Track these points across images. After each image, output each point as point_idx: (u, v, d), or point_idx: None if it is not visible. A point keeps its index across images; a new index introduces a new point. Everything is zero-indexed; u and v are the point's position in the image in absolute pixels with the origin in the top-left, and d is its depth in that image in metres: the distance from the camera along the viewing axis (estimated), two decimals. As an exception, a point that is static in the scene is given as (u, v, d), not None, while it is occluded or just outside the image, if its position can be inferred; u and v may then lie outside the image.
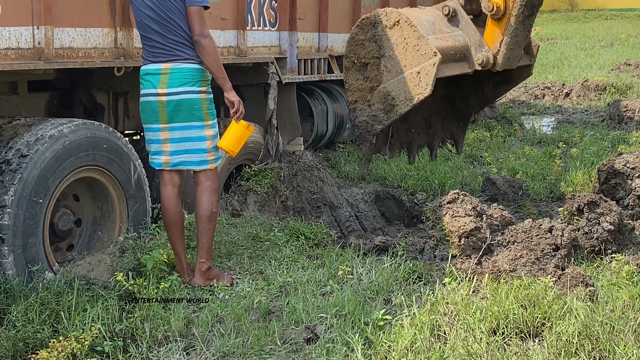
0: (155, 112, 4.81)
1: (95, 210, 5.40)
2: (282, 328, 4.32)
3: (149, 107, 4.84)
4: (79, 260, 5.04)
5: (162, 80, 4.76)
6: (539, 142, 10.73)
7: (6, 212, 4.55)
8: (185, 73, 4.76)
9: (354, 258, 5.46)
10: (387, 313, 4.41)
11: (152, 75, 4.80)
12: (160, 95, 4.77)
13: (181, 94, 4.76)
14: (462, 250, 5.41)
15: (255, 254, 5.54)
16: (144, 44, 4.84)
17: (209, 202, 4.88)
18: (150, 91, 4.81)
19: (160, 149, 4.89)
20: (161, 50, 4.76)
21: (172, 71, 4.75)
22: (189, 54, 4.78)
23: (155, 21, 4.74)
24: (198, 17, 4.76)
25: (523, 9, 6.03)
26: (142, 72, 4.86)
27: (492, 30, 6.18)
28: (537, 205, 6.99)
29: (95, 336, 4.03)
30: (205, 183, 4.92)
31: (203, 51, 4.76)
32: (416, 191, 7.80)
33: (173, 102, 4.76)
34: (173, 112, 4.78)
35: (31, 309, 4.28)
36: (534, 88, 16.87)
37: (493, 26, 6.16)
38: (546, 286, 4.57)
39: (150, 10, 4.74)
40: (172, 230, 4.92)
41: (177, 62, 4.75)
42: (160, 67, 4.77)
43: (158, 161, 4.93)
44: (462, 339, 4.02)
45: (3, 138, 4.84)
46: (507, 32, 6.10)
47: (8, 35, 4.68)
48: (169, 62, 4.76)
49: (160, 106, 4.79)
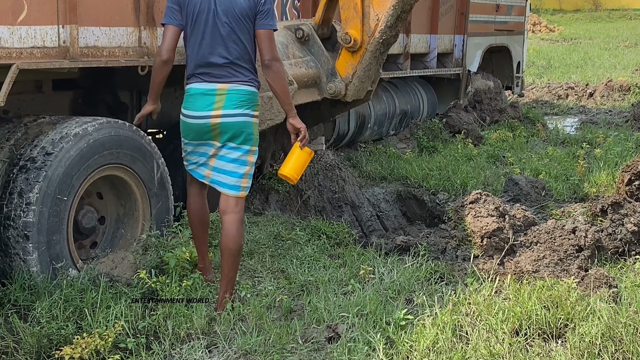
0: (207, 133, 4.55)
1: (118, 208, 5.43)
2: (303, 327, 4.33)
3: (197, 129, 4.56)
4: (103, 258, 5.07)
5: (217, 102, 4.50)
6: (562, 143, 10.66)
7: (31, 209, 4.59)
8: (243, 95, 4.53)
9: (375, 257, 5.47)
10: (409, 313, 4.41)
11: (205, 96, 4.52)
12: (214, 117, 4.51)
13: (237, 116, 4.52)
14: (485, 250, 5.40)
15: (277, 252, 5.56)
16: (197, 63, 4.54)
17: (239, 235, 4.61)
18: (201, 113, 4.53)
19: (207, 161, 4.67)
20: (220, 71, 4.51)
21: (229, 92, 4.51)
22: (248, 77, 4.56)
23: (222, 41, 4.49)
24: (269, 40, 4.54)
25: (379, 46, 6.01)
26: (192, 90, 4.57)
27: (345, 60, 6.14)
28: (560, 206, 6.95)
29: (119, 333, 4.05)
30: (235, 212, 4.61)
31: (273, 76, 4.53)
32: (438, 191, 7.78)
33: (227, 124, 4.51)
34: (226, 134, 4.54)
35: (55, 305, 4.32)
36: (557, 88, 16.79)
37: (347, 57, 6.11)
38: (569, 287, 4.55)
39: (217, 30, 4.48)
40: (197, 229, 4.86)
41: (235, 84, 4.51)
42: (216, 88, 4.51)
43: (201, 173, 4.71)
44: (485, 340, 4.01)
45: (28, 136, 4.89)
46: (360, 65, 6.07)
47: (34, 34, 4.72)
48: (226, 83, 4.51)
49: (213, 128, 4.53)
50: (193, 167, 4.74)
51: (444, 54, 10.59)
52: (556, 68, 21.43)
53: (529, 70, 20.16)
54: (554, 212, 6.64)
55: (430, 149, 9.58)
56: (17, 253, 4.61)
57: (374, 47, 5.97)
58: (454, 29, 10.60)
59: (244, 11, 4.47)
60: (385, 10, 5.84)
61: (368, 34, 5.94)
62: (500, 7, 11.76)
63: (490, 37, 11.65)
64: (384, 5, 5.84)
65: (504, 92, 12.57)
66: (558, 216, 6.51)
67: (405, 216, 7.84)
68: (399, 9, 5.85)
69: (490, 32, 11.61)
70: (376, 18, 5.88)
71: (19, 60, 4.62)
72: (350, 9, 5.95)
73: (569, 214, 6.58)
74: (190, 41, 4.56)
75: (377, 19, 5.88)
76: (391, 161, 8.70)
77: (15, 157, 4.77)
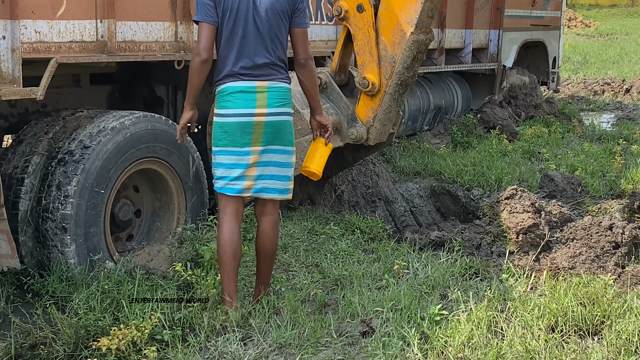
0: (249, 133, 4.33)
1: (154, 202, 5.48)
2: (337, 321, 4.33)
3: (239, 128, 4.33)
4: (139, 251, 5.13)
5: (259, 99, 4.34)
6: (598, 139, 10.56)
7: (69, 202, 4.64)
8: (283, 93, 4.42)
9: (409, 253, 5.46)
10: (444, 308, 4.40)
11: (245, 94, 4.33)
12: (258, 115, 4.33)
13: (281, 115, 4.40)
14: (520, 246, 5.37)
15: (311, 247, 5.57)
16: (237, 63, 4.36)
17: (277, 236, 4.55)
18: (245, 111, 4.33)
19: (245, 173, 4.38)
20: (259, 70, 4.36)
21: (269, 89, 4.36)
22: (284, 75, 4.46)
23: (262, 40, 4.36)
24: (305, 39, 4.50)
25: (398, 88, 5.98)
26: (229, 89, 4.35)
27: (365, 105, 6.09)
28: (597, 203, 6.88)
29: (155, 325, 4.09)
30: (275, 214, 4.52)
31: (307, 74, 4.50)
32: (472, 187, 7.74)
33: (273, 123, 4.36)
34: (270, 134, 4.37)
35: (92, 297, 4.37)
36: (593, 84, 16.63)
37: (366, 101, 6.07)
38: (606, 284, 4.51)
39: (256, 27, 4.35)
40: (230, 264, 4.39)
41: (274, 81, 4.39)
42: (256, 85, 4.34)
43: (239, 187, 4.38)
44: (520, 336, 3.99)
45: (67, 129, 4.95)
46: (381, 108, 6.02)
47: (72, 28, 4.77)
48: (265, 80, 4.37)
49: (256, 127, 4.34)
50: (227, 183, 4.39)
51: (479, 49, 10.54)
52: (592, 64, 21.21)
53: (565, 65, 19.97)
54: (590, 209, 6.58)
55: (464, 144, 9.53)
56: (55, 245, 4.67)
57: (392, 89, 5.96)
58: (490, 23, 10.54)
59: (284, 9, 4.39)
60: (400, 52, 5.83)
61: (386, 76, 5.92)
62: (536, 2, 11.67)
63: (526, 32, 11.56)
64: (400, 48, 5.83)
65: (539, 87, 12.47)
66: (594, 212, 6.45)
67: (439, 212, 7.81)
68: (415, 50, 5.83)
69: (526, 27, 11.52)
70: (392, 60, 5.87)
71: (58, 55, 4.68)
72: (366, 54, 5.95)
73: (605, 210, 6.52)
74: (228, 40, 4.36)
75: (393, 62, 5.87)
76: (425, 156, 8.68)
77: (54, 150, 4.83)
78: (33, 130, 4.99)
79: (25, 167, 4.75)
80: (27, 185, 4.72)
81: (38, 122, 5.09)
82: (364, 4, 5.95)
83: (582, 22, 33.35)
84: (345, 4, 6.00)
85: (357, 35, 6.01)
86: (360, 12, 5.98)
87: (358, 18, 5.99)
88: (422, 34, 5.86)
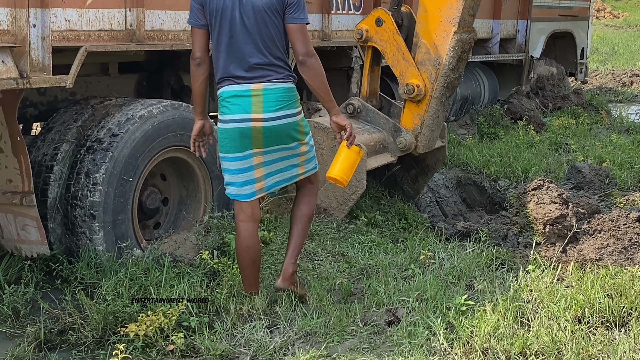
0: (248, 137, 4.18)
1: (181, 190, 5.51)
2: (363, 310, 4.34)
3: (238, 134, 4.18)
4: (166, 238, 5.16)
5: (254, 103, 4.15)
6: (626, 130, 10.46)
7: (97, 189, 4.68)
8: (280, 94, 4.20)
9: (435, 243, 5.45)
10: (470, 298, 4.39)
11: (240, 98, 4.16)
12: (255, 120, 4.15)
13: (281, 118, 4.20)
14: (547, 237, 5.34)
15: (337, 235, 5.57)
16: (228, 64, 4.20)
17: (314, 204, 4.48)
18: (241, 116, 4.16)
19: (253, 176, 4.26)
20: (253, 72, 4.17)
21: (264, 92, 4.16)
22: (282, 74, 4.22)
23: (252, 39, 4.15)
24: (302, 34, 4.19)
25: (445, 91, 5.92)
26: (224, 94, 4.21)
27: (410, 113, 6.04)
28: (624, 194, 6.83)
29: (182, 312, 4.12)
30: (312, 185, 4.49)
31: (309, 72, 4.19)
32: (499, 178, 7.70)
33: (271, 128, 4.18)
34: (271, 138, 4.21)
35: (120, 283, 4.41)
36: (621, 75, 16.49)
37: (412, 108, 6.03)
38: (633, 276, 4.49)
39: (244, 27, 4.15)
40: (250, 269, 4.34)
41: (269, 83, 4.17)
42: (250, 88, 4.16)
43: (251, 191, 4.27)
44: (546, 327, 3.98)
45: (95, 117, 4.98)
46: (428, 114, 5.96)
47: (102, 17, 4.80)
48: (259, 82, 4.17)
49: (254, 132, 4.17)
50: (238, 190, 4.29)
51: (507, 39, 10.47)
52: (620, 55, 21.00)
53: (593, 56, 19.79)
54: (617, 200, 6.54)
55: (491, 135, 9.48)
56: (83, 232, 4.72)
57: (438, 92, 5.89)
58: (518, 14, 10.47)
59: (272, 5, 4.14)
60: (445, 54, 5.78)
61: (430, 80, 5.87)
62: (564, -8, 11.58)
63: (554, 22, 11.47)
64: (443, 49, 5.78)
65: (567, 78, 12.37)
66: (622, 204, 6.40)
67: (464, 202, 7.78)
68: (459, 50, 5.78)
69: (554, 18, 11.43)
70: (437, 63, 5.81)
71: (87, 43, 4.71)
72: (400, 62, 5.92)
73: (633, 202, 6.47)
74: (217, 42, 4.20)
75: (438, 64, 5.81)
76: (451, 147, 8.63)
77: (83, 138, 4.87)
78: (62, 118, 5.03)
79: (55, 155, 4.79)
80: (56, 173, 4.76)
81: (67, 110, 5.13)
82: (381, 16, 5.99)
83: (610, 13, 33.00)
84: (364, 25, 6.05)
85: (386, 49, 6.02)
86: (380, 25, 6.01)
87: (380, 32, 6.02)
88: (465, 33, 5.81)
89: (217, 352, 3.85)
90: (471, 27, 5.89)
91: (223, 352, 3.87)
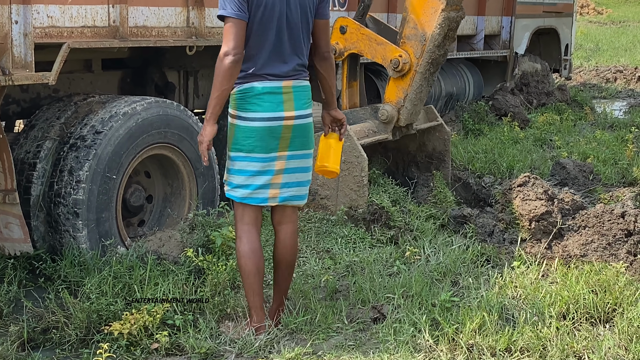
0: (276, 138, 3.94)
1: (165, 187, 5.49)
2: (349, 307, 4.34)
3: (267, 132, 3.93)
4: (150, 236, 5.13)
5: (286, 101, 3.95)
6: (610, 126, 10.51)
7: (81, 187, 4.65)
8: (307, 92, 4.05)
9: (421, 239, 5.44)
10: (455, 295, 4.40)
11: (271, 95, 3.92)
12: (287, 118, 3.94)
13: (307, 117, 4.04)
14: (532, 234, 5.35)
15: (321, 230, 5.54)
16: (267, 62, 3.93)
17: (297, 245, 4.20)
18: (273, 114, 3.92)
19: (270, 181, 3.99)
20: (286, 69, 3.96)
21: (294, 89, 3.97)
22: (305, 71, 4.05)
23: (293, 36, 3.96)
24: (328, 29, 4.10)
25: (429, 67, 6.02)
26: (255, 90, 3.91)
27: (395, 86, 6.16)
28: (609, 190, 6.85)
29: (167, 310, 4.10)
30: (295, 222, 4.19)
31: (330, 67, 4.11)
32: (484, 174, 7.71)
33: (300, 126, 4.00)
34: (297, 139, 4.00)
35: (104, 282, 4.39)
36: (605, 71, 16.56)
37: (396, 82, 6.14)
38: (618, 272, 4.51)
39: (289, 24, 3.94)
40: (254, 278, 4.01)
41: (297, 80, 4.00)
42: (282, 85, 3.94)
43: (264, 196, 4.00)
44: (531, 323, 3.99)
45: (78, 114, 4.95)
46: (411, 88, 6.08)
47: (84, 13, 4.77)
48: (289, 79, 3.97)
49: (284, 131, 3.95)
50: (250, 193, 4.00)
51: (491, 35, 10.48)
52: (604, 51, 21.09)
53: (577, 53, 19.87)
54: (602, 196, 6.56)
55: (475, 131, 9.50)
56: (67, 230, 4.69)
57: (423, 68, 6.00)
58: (502, 10, 10.48)
59: (314, 2, 4.00)
60: (431, 30, 5.86)
61: (416, 55, 5.98)
62: (549, -11, 11.60)
63: (539, 18, 11.49)
64: (430, 25, 5.85)
65: (552, 75, 12.40)
66: (606, 200, 6.43)
67: (449, 199, 7.78)
68: (446, 27, 5.85)
69: (538, 14, 11.45)
70: (423, 38, 5.90)
71: (70, 39, 4.68)
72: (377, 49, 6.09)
73: (617, 198, 6.50)
74: (262, 37, 3.91)
75: (424, 40, 5.89)
76: (436, 143, 8.64)
77: (66, 135, 4.84)
78: (45, 115, 4.99)
79: (37, 152, 4.76)
80: (39, 170, 4.73)
81: (50, 107, 5.09)
82: (341, 24, 6.23)
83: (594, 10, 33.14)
84: (332, 41, 6.12)
85: (360, 47, 6.23)
86: (345, 32, 6.23)
87: (348, 37, 6.23)
88: (453, 11, 5.87)
89: (202, 350, 3.84)
90: (460, 5, 5.94)
91: (208, 350, 3.86)
